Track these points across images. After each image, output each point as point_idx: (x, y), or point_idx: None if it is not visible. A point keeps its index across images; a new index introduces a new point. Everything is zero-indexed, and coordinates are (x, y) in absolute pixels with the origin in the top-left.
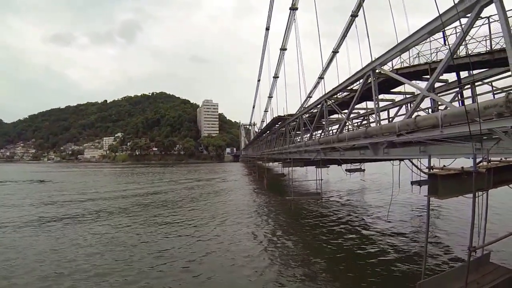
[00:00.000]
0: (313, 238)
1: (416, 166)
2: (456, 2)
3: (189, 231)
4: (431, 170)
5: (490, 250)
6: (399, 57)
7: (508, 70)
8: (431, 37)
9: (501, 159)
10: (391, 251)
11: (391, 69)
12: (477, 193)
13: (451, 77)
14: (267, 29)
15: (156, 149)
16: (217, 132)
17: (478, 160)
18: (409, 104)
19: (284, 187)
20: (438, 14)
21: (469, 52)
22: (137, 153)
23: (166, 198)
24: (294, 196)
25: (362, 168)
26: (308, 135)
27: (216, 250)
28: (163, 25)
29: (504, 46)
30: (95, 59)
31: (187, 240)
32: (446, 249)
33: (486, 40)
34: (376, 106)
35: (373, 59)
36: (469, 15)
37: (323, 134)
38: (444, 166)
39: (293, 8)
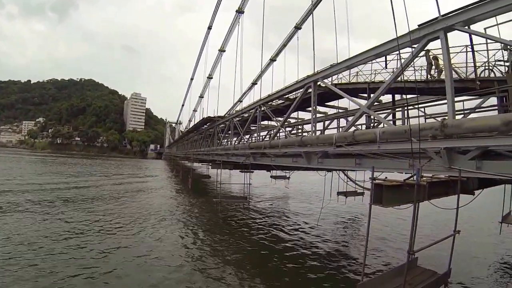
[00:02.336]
0: (242, 242)
1: (349, 178)
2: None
3: (109, 231)
4: (375, 180)
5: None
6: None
7: (438, 99)
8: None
9: (432, 175)
10: (326, 256)
11: (331, 83)
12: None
13: (385, 98)
14: (209, 28)
15: (79, 139)
16: (143, 127)
17: (408, 175)
18: (342, 119)
19: (208, 189)
20: (381, 42)
21: (405, 79)
22: (58, 142)
23: (89, 193)
24: (221, 199)
25: (287, 176)
26: (235, 138)
27: (138, 253)
28: (99, 7)
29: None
30: (22, 32)
31: (107, 242)
32: (380, 253)
33: (422, 70)
34: (314, 116)
35: (315, 71)
36: (415, 45)
37: (251, 139)
38: (386, 178)
39: (240, 11)
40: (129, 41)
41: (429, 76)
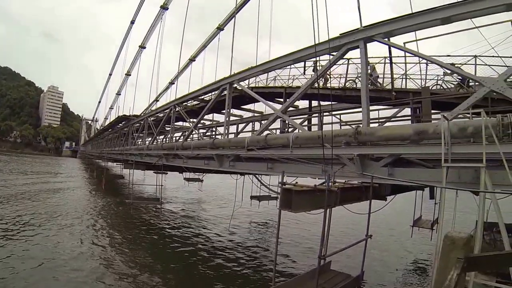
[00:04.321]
0: (152, 246)
1: (262, 182)
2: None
3: (12, 235)
4: (283, 185)
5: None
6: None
7: (354, 107)
8: (292, 65)
9: (346, 181)
10: (237, 261)
11: (248, 86)
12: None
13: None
14: (132, 22)
15: None
16: (59, 123)
17: (322, 181)
18: (257, 122)
19: (122, 189)
20: (304, 46)
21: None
22: None
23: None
24: (134, 200)
25: (201, 179)
26: (150, 139)
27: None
28: None
29: (353, 86)
30: None
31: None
32: (294, 258)
33: (341, 77)
34: (227, 119)
35: (232, 73)
36: (335, 53)
37: (166, 140)
38: (297, 183)
39: (164, 7)
40: (49, 29)
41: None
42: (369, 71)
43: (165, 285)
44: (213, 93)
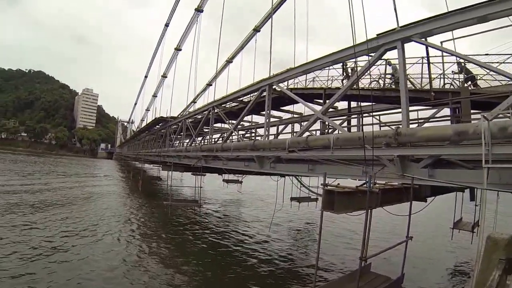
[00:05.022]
0: (192, 248)
1: (302, 183)
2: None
3: (56, 234)
4: (326, 187)
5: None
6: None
7: (392, 108)
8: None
9: (386, 182)
10: (278, 263)
11: (287, 87)
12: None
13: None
14: (167, 25)
15: (25, 134)
16: (94, 125)
17: (362, 182)
18: (296, 124)
19: (159, 191)
20: (341, 47)
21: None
22: (2, 137)
23: (38, 195)
24: (172, 202)
25: (240, 180)
26: (187, 140)
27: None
28: None
29: (393, 86)
30: None
31: (55, 245)
32: (334, 260)
33: (380, 78)
34: (267, 120)
35: (271, 74)
36: (373, 54)
37: (204, 141)
38: (338, 184)
39: (199, 10)
40: (83, 33)
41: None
42: (391, 71)
43: (202, 284)
44: (252, 94)
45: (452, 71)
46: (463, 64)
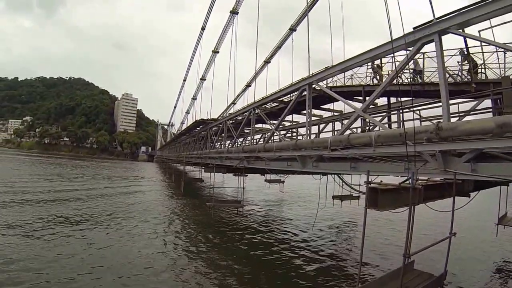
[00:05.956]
0: (236, 247)
1: (344, 181)
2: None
3: (101, 233)
4: (369, 184)
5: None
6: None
7: (433, 102)
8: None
9: (428, 178)
10: (322, 261)
11: (326, 86)
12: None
13: (380, 101)
14: (203, 28)
15: (67, 139)
16: (134, 128)
17: (404, 178)
18: (337, 122)
19: (201, 192)
20: (378, 44)
21: (400, 82)
22: (46, 142)
23: (86, 195)
24: (215, 203)
25: (282, 180)
26: (229, 142)
27: (134, 255)
28: (88, 3)
29: (432, 80)
30: (9, 28)
31: (102, 245)
32: (377, 257)
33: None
34: (309, 120)
35: (310, 74)
36: (410, 48)
37: (245, 142)
38: (381, 181)
39: (234, 12)
40: (120, 40)
41: (372, 82)
42: (412, 66)
43: (248, 283)
44: (292, 94)
45: (458, 61)
46: (465, 53)
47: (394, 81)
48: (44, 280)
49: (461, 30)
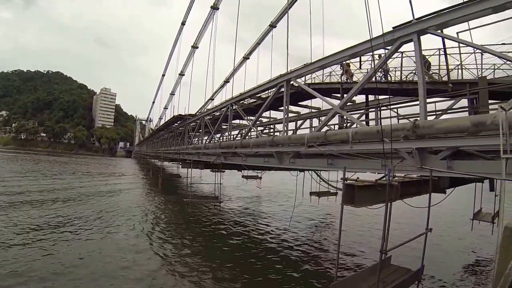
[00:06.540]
0: (213, 244)
1: (321, 178)
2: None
3: (75, 232)
4: (346, 181)
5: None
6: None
7: (411, 100)
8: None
9: (405, 175)
10: (300, 257)
11: (304, 82)
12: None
13: (358, 99)
14: (183, 23)
15: (44, 135)
16: (112, 124)
17: (381, 175)
18: (314, 119)
19: (178, 188)
20: (356, 43)
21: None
22: (22, 137)
23: (60, 194)
24: (192, 199)
25: (259, 176)
26: (206, 137)
27: (106, 252)
28: None
29: (410, 79)
30: None
31: (72, 243)
32: (354, 253)
33: (396, 71)
34: (286, 116)
35: (288, 70)
36: (389, 47)
37: (223, 138)
38: (358, 178)
39: (214, 7)
40: (99, 34)
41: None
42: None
43: (224, 281)
44: (269, 90)
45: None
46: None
47: (373, 79)
48: None
49: (439, 31)
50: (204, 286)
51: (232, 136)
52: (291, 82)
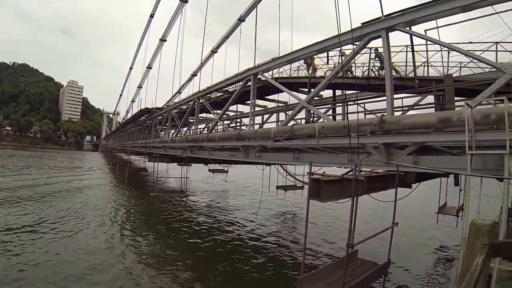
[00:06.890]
0: (181, 237)
1: (288, 172)
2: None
3: (41, 229)
4: (312, 175)
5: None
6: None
7: (378, 96)
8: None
9: (371, 170)
10: (266, 250)
11: (271, 76)
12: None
13: (325, 93)
14: (151, 16)
15: (9, 128)
16: (79, 117)
17: (347, 170)
18: (281, 113)
19: (145, 182)
20: (325, 37)
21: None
22: None
23: (25, 191)
24: (158, 193)
25: (226, 170)
26: (173, 131)
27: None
28: None
29: (377, 75)
30: None
31: (36, 241)
32: (322, 247)
33: (363, 66)
34: (253, 110)
35: (256, 64)
36: (357, 43)
37: (189, 131)
38: (324, 172)
39: (184, 1)
40: (66, 25)
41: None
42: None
43: (189, 276)
44: (237, 84)
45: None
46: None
47: (340, 74)
48: None
49: (408, 28)
50: (179, 278)
51: (199, 130)
52: (259, 76)
